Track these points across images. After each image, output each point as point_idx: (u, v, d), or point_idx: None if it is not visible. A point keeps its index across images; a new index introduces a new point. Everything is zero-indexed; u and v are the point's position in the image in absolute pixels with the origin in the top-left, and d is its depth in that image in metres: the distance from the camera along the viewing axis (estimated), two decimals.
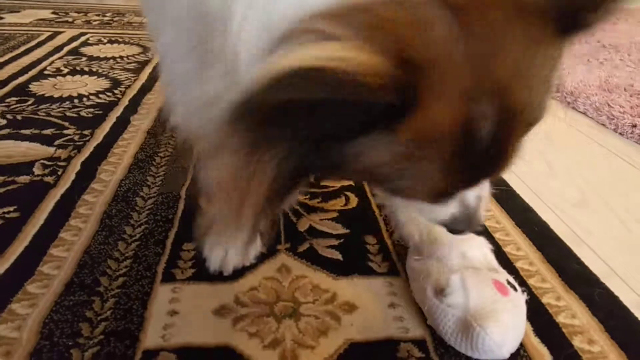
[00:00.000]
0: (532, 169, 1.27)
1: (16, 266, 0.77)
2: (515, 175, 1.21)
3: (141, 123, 1.31)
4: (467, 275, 0.70)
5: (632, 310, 0.78)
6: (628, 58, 2.31)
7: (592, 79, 1.90)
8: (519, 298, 0.71)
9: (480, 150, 0.43)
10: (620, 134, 1.52)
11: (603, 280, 0.84)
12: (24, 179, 1.01)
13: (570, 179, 1.24)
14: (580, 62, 2.19)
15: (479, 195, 0.57)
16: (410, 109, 0.39)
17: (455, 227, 0.60)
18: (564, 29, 0.45)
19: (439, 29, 0.39)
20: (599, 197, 1.15)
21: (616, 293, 0.82)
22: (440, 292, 0.69)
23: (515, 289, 0.71)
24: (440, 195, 0.50)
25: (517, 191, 1.12)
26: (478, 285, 0.68)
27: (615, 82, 1.86)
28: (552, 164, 1.31)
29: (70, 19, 2.51)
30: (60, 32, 2.23)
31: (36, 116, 1.32)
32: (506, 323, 0.65)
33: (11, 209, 0.91)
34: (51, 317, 0.68)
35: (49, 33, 2.20)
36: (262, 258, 0.83)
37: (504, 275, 0.73)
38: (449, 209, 0.57)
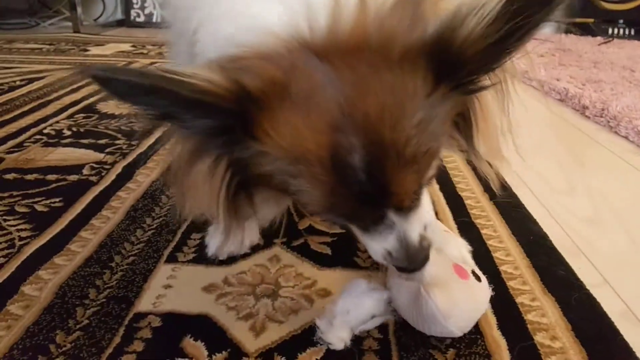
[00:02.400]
0: (550, 187, 1.27)
1: (50, 243, 0.91)
2: (531, 191, 1.22)
3: None
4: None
5: (613, 317, 0.78)
6: None
7: None
8: (479, 287, 0.73)
9: (360, 179, 0.49)
10: None
11: (591, 288, 0.84)
12: (73, 177, 1.17)
13: (588, 197, 1.23)
14: (635, 88, 2.13)
15: (423, 234, 0.59)
16: (250, 125, 0.50)
17: (395, 263, 0.60)
18: (444, 79, 0.50)
19: (305, 70, 0.48)
20: (615, 215, 1.14)
21: (602, 301, 0.81)
22: None
23: (479, 280, 0.74)
24: (343, 214, 0.56)
25: (527, 205, 1.13)
26: (437, 264, 0.71)
27: None
28: (573, 183, 1.30)
29: (145, 51, 2.79)
30: (134, 62, 2.49)
31: (96, 129, 1.51)
32: (455, 298, 0.68)
33: (57, 200, 1.06)
34: (67, 282, 0.80)
35: (125, 62, 2.47)
36: (257, 249, 0.91)
37: (470, 267, 0.76)
38: (387, 242, 0.58)
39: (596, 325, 0.75)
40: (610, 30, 3.50)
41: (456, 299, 0.68)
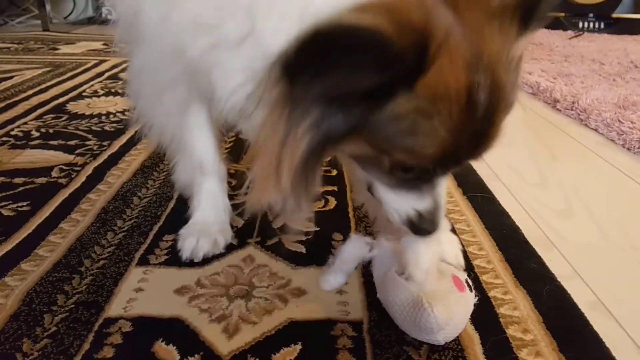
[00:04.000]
0: (523, 180, 1.29)
1: (16, 249, 0.89)
2: (503, 184, 1.23)
3: None
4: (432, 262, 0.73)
5: (584, 308, 0.79)
6: None
7: (610, 96, 1.88)
8: (471, 298, 0.74)
9: (478, 118, 0.52)
10: (627, 149, 1.51)
11: (562, 280, 0.85)
12: (41, 180, 1.15)
13: (560, 189, 1.24)
14: (605, 81, 2.17)
15: (443, 197, 0.65)
16: (426, 66, 0.48)
17: (420, 225, 0.65)
18: (526, 25, 0.55)
19: (440, 13, 0.49)
20: (585, 207, 1.15)
21: (573, 292, 0.83)
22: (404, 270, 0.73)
23: (470, 289, 0.75)
24: (443, 158, 0.56)
25: (500, 199, 1.14)
26: (439, 277, 0.72)
27: (633, 100, 1.83)
28: (545, 176, 1.32)
29: (117, 49, 2.74)
30: (105, 60, 2.45)
31: (66, 130, 1.48)
32: (453, 312, 0.69)
33: (24, 203, 1.04)
34: (35, 289, 0.78)
35: (96, 61, 2.42)
36: (231, 249, 0.91)
37: (463, 275, 0.77)
38: (423, 202, 0.63)
39: (567, 317, 0.77)
40: (580, 24, 3.56)
41: (453, 313, 0.68)
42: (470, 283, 0.76)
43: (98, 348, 0.67)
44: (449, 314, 0.68)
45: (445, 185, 0.65)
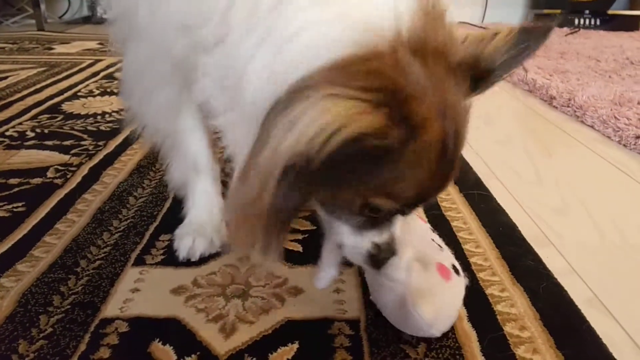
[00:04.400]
0: (519, 178, 1.29)
1: (12, 250, 0.88)
2: (500, 182, 1.23)
3: None
4: (414, 255, 0.73)
5: (581, 305, 0.79)
6: None
7: (606, 93, 1.89)
8: (459, 283, 0.74)
9: (445, 162, 0.56)
10: (624, 145, 1.51)
11: (559, 277, 0.86)
12: (37, 180, 1.14)
13: (556, 187, 1.25)
14: (601, 78, 2.17)
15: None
16: (418, 137, 0.52)
17: (379, 256, 0.65)
18: (476, 85, 0.60)
19: (415, 70, 0.52)
20: (582, 204, 1.16)
21: (569, 289, 0.83)
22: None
23: (458, 273, 0.74)
24: (415, 199, 0.60)
25: (496, 196, 1.14)
26: (423, 267, 0.71)
27: (629, 96, 1.84)
28: (542, 173, 1.32)
29: (113, 49, 2.73)
30: (101, 60, 2.44)
31: (61, 130, 1.47)
32: (440, 306, 0.69)
33: (20, 204, 1.03)
34: (30, 290, 0.78)
35: (91, 61, 2.42)
36: (227, 248, 0.90)
37: (449, 259, 0.76)
38: (381, 236, 0.64)
39: (564, 314, 0.77)
40: (576, 21, 3.57)
41: (441, 307, 0.68)
42: (458, 266, 0.76)
43: (94, 349, 0.67)
44: (436, 310, 0.68)
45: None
